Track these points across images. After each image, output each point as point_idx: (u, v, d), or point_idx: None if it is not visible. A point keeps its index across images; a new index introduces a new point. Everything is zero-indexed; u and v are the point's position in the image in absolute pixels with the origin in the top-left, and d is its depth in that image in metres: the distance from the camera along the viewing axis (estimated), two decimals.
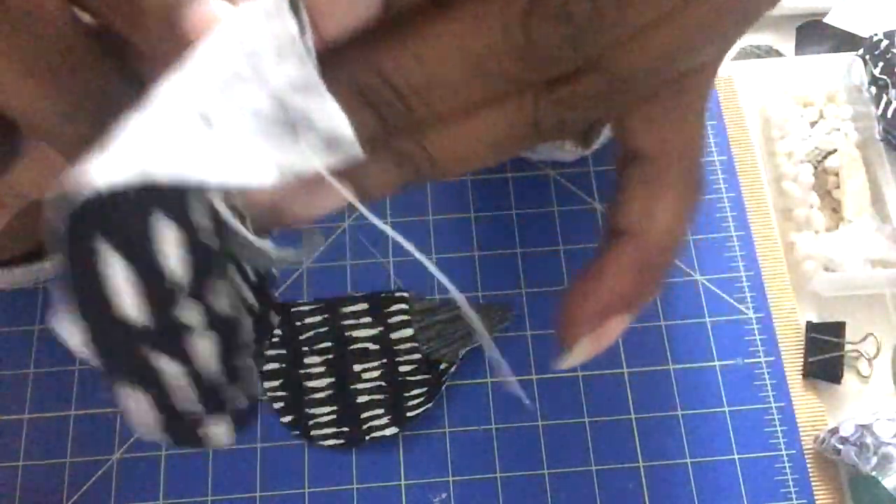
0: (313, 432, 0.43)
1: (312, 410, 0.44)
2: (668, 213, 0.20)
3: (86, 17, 0.18)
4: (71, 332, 0.14)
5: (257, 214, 0.17)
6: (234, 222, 0.16)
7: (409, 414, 0.43)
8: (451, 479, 0.43)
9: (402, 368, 0.45)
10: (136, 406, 0.15)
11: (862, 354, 0.46)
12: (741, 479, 0.43)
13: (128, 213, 0.14)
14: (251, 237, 0.16)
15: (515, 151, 0.18)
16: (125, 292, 0.15)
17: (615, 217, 0.21)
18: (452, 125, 0.16)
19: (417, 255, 0.17)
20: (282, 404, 0.44)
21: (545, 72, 0.16)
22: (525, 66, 0.15)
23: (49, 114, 0.17)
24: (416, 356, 0.45)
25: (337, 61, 0.15)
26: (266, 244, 0.17)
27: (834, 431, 0.42)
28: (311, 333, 0.46)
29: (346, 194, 0.16)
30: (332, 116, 0.15)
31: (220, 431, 0.17)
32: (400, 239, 0.17)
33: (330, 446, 0.43)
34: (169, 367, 0.16)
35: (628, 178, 0.20)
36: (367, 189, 0.17)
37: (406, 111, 0.15)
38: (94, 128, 0.17)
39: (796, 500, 0.42)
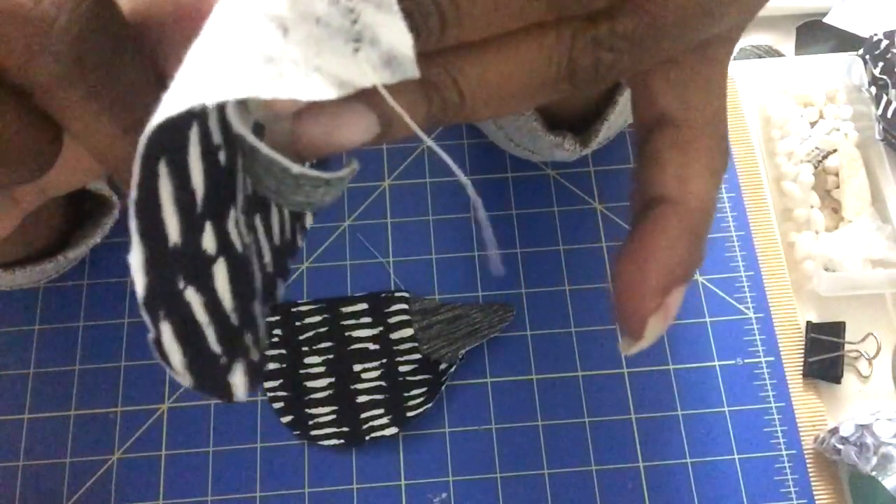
0: (313, 432, 0.43)
1: (312, 410, 0.44)
2: (702, 178, 0.20)
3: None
4: (135, 259, 0.14)
5: (277, 145, 0.16)
6: (253, 138, 0.16)
7: (409, 414, 0.43)
8: (451, 479, 0.43)
9: (402, 368, 0.45)
10: (169, 343, 0.15)
11: (862, 354, 0.46)
12: (741, 479, 0.43)
13: (177, 133, 0.14)
14: (272, 153, 0.16)
15: (546, 97, 0.17)
16: (170, 211, 0.15)
17: (649, 185, 0.20)
18: (486, 56, 0.16)
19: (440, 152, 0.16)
20: (282, 404, 0.44)
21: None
22: None
23: (70, 93, 0.17)
24: (416, 356, 0.45)
25: None
26: (286, 159, 0.16)
27: (834, 431, 0.42)
28: (311, 333, 0.46)
29: (402, 113, 0.15)
30: (398, 34, 0.14)
31: (237, 381, 0.17)
32: (436, 148, 0.16)
33: (330, 446, 0.43)
34: (195, 298, 0.16)
35: (657, 144, 0.20)
36: (392, 123, 0.16)
37: (440, 26, 0.15)
38: (116, 112, 0.17)
39: (796, 500, 0.42)
